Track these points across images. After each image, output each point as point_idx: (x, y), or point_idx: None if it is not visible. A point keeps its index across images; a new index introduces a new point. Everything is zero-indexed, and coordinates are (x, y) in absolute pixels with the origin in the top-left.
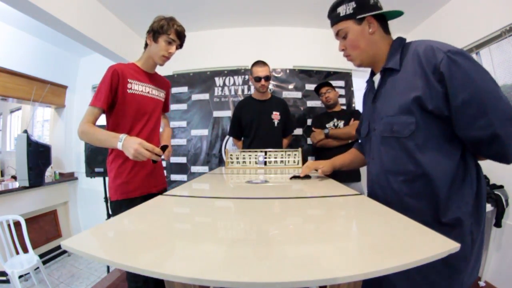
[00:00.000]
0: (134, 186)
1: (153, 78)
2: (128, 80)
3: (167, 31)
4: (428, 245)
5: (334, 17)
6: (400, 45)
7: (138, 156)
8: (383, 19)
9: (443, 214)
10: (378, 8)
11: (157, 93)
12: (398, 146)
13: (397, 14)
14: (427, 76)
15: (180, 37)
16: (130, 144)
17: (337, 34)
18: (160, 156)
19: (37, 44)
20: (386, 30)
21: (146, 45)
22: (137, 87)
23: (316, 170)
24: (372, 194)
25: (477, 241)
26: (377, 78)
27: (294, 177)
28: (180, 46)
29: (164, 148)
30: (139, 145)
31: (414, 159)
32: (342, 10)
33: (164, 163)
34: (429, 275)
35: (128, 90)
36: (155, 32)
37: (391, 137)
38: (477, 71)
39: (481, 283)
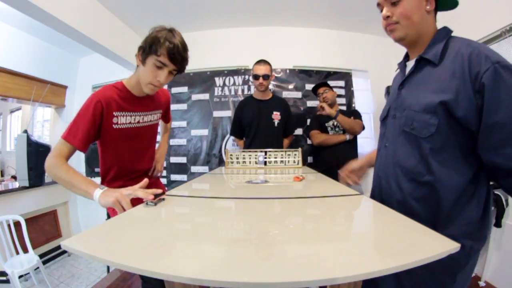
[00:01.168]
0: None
1: (145, 102)
2: (114, 113)
3: (156, 51)
4: (428, 245)
5: None
6: (446, 36)
7: (120, 201)
8: (436, 5)
9: (441, 228)
10: None
11: (150, 118)
12: (415, 144)
13: (451, 3)
14: (465, 82)
15: (175, 60)
16: (108, 198)
17: None
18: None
19: (37, 44)
20: (435, 17)
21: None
22: (124, 120)
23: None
24: (376, 183)
25: (468, 264)
26: (410, 63)
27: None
28: (177, 71)
29: (158, 195)
30: (119, 194)
31: (427, 162)
32: None
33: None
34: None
35: (113, 126)
36: (144, 50)
37: (409, 133)
38: None
39: (481, 283)
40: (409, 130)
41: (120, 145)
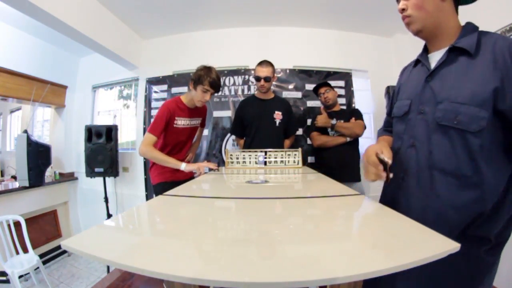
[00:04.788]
0: (168, 175)
1: (193, 111)
2: (175, 117)
3: (202, 82)
4: (428, 245)
5: None
6: (474, 30)
7: (200, 168)
8: None
9: (479, 229)
10: None
11: (195, 122)
12: (460, 141)
13: None
14: (508, 71)
15: (214, 87)
16: (192, 167)
17: None
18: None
19: (37, 44)
20: (456, 8)
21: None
22: (180, 122)
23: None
24: (398, 191)
25: (495, 265)
26: (435, 56)
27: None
28: (216, 91)
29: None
30: (201, 165)
31: (475, 160)
32: None
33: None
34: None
35: (174, 125)
36: (194, 81)
37: (452, 128)
38: None
39: None
40: (453, 124)
41: (175, 135)
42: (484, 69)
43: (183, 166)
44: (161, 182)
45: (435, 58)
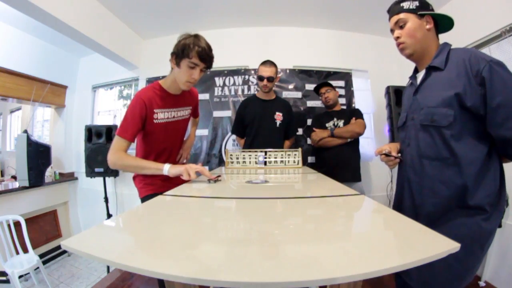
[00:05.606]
0: (156, 186)
1: (179, 99)
2: (154, 110)
3: (188, 55)
4: (428, 244)
5: (397, 9)
6: (446, 48)
7: (188, 170)
8: (436, 25)
9: (469, 199)
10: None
11: (183, 113)
12: (436, 134)
13: (448, 24)
14: (469, 78)
15: (204, 60)
16: (177, 169)
17: (395, 24)
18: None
19: (37, 44)
20: (437, 35)
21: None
22: (162, 115)
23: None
24: (404, 179)
25: (493, 234)
26: (420, 75)
27: (386, 155)
28: (207, 68)
29: (217, 177)
30: (190, 168)
31: (449, 146)
32: (406, 4)
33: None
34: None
35: (154, 121)
36: (177, 55)
37: (430, 126)
38: None
39: (481, 283)
40: (430, 123)
41: (158, 136)
42: (449, 78)
43: (166, 169)
44: (148, 195)
45: (420, 76)
